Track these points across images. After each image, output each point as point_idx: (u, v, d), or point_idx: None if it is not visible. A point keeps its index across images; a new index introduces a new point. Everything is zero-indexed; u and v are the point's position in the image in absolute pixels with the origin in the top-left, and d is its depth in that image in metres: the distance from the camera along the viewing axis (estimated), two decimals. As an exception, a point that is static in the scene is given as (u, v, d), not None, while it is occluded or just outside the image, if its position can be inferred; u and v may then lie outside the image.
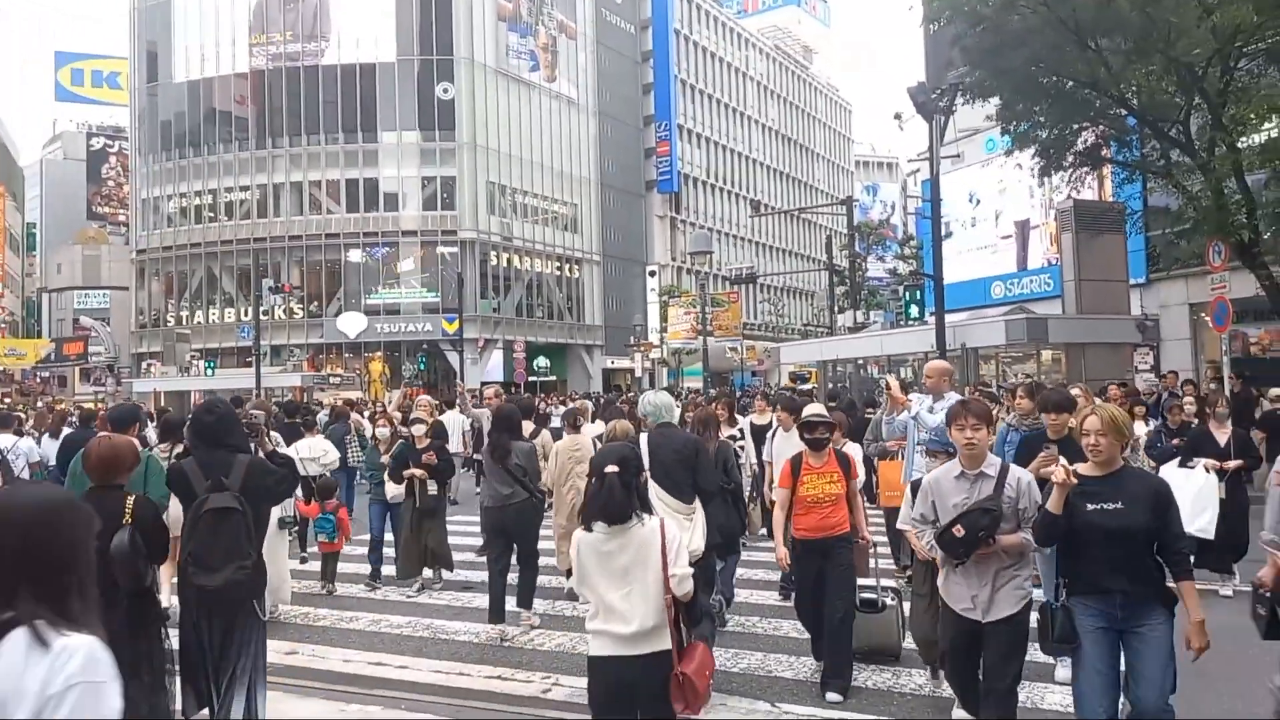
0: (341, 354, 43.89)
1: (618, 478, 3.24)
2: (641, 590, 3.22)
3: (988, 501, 3.71)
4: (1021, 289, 26.11)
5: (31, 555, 1.60)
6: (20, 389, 42.17)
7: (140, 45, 48.95)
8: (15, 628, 1.53)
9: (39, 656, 1.52)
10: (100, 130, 69.08)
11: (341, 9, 44.65)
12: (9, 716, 1.49)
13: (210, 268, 46.12)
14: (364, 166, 44.77)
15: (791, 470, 5.27)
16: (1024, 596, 3.81)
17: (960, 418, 3.84)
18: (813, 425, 5.25)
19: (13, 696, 1.50)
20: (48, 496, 1.73)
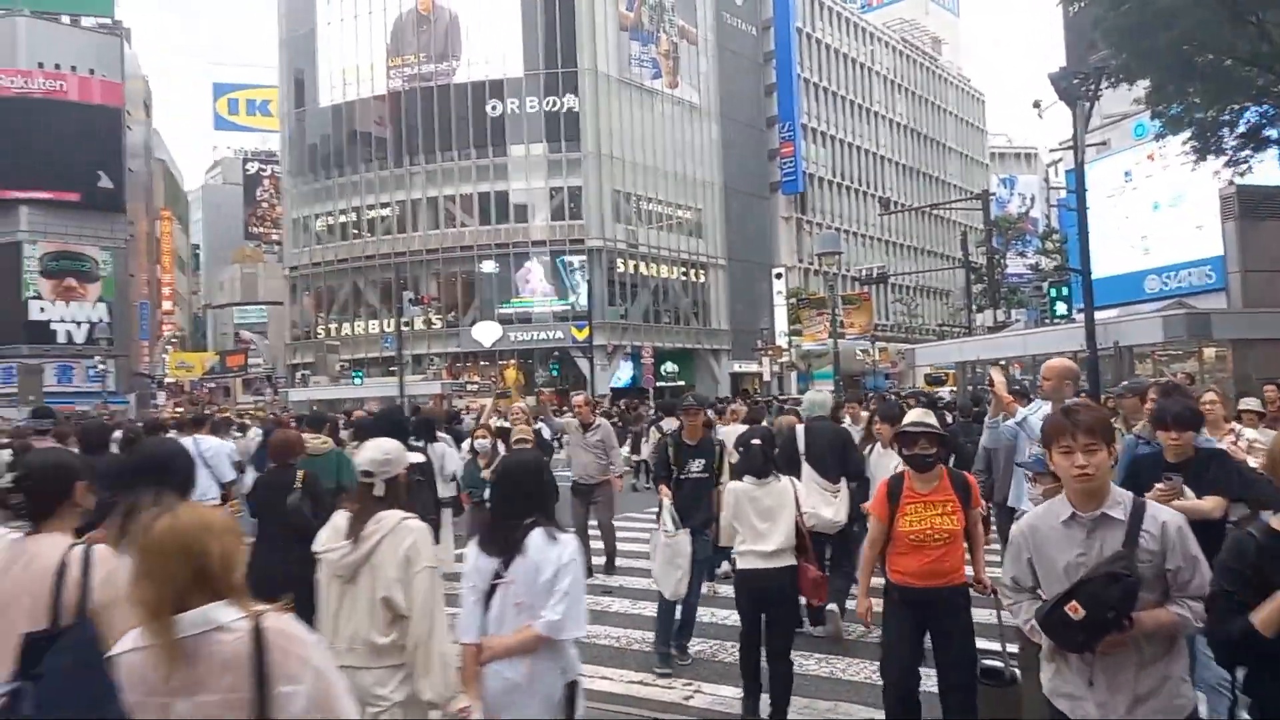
0: (478, 362, 45.39)
1: (759, 448, 5.01)
2: (778, 524, 4.85)
3: (1118, 562, 2.46)
4: (1179, 282, 24.42)
5: (538, 490, 3.24)
6: (190, 398, 45.64)
7: (288, 73, 52.17)
8: (537, 527, 3.11)
9: (552, 543, 3.08)
10: (255, 155, 74.00)
11: (471, 29, 46.28)
12: (544, 576, 3.03)
13: (355, 282, 48.60)
14: (494, 180, 46.22)
15: (889, 496, 4.15)
16: (1184, 709, 2.54)
17: (1063, 435, 2.58)
18: (911, 438, 4.08)
19: (544, 563, 3.05)
20: (537, 459, 3.48)
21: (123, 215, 46.74)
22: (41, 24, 47.15)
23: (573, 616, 3.03)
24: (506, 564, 3.07)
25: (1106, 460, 2.61)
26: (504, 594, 3.05)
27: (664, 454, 6.39)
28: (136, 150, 49.90)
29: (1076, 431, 2.55)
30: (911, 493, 4.13)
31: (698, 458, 6.24)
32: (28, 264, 43.53)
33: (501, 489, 3.38)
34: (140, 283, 50.19)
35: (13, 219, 43.58)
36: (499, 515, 3.25)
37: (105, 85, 46.62)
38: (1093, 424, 2.56)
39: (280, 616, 1.97)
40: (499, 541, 3.13)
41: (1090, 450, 2.54)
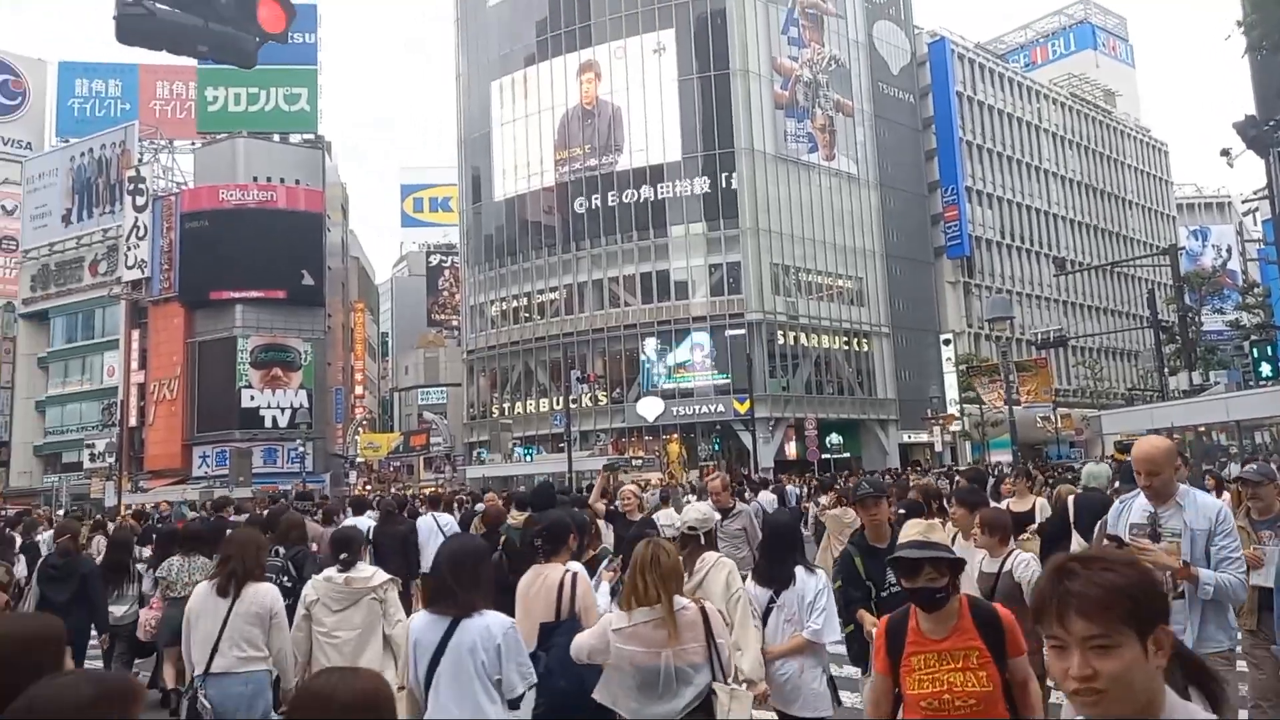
0: (642, 436, 46.24)
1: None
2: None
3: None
4: None
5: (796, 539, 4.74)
6: (378, 476, 48.76)
7: (467, 172, 56.20)
8: (798, 565, 4.50)
9: (810, 575, 4.51)
10: (437, 248, 79.49)
11: (632, 119, 48.51)
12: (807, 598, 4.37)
13: (527, 362, 50.92)
14: (655, 260, 47.65)
15: (888, 642, 3.10)
16: None
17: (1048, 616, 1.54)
18: (912, 566, 3.03)
19: (806, 590, 4.41)
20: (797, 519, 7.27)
21: (322, 309, 51.23)
22: (256, 143, 53.20)
23: (829, 626, 4.40)
24: (778, 592, 4.48)
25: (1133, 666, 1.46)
26: (778, 614, 4.46)
27: (851, 568, 4.71)
28: (334, 249, 54.84)
29: (1067, 612, 1.48)
30: (919, 637, 3.01)
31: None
32: (241, 356, 48.29)
33: (771, 540, 4.79)
34: (336, 369, 54.52)
35: (230, 316, 48.65)
36: (772, 559, 4.65)
37: (309, 193, 51.77)
38: (1103, 598, 1.47)
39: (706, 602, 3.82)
40: (774, 576, 4.55)
41: (1099, 648, 1.46)
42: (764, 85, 48.40)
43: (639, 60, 48.67)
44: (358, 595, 4.91)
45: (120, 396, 48.01)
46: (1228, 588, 3.80)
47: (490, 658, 3.34)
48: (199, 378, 48.19)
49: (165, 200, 50.49)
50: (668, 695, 3.60)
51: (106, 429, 47.87)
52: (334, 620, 4.85)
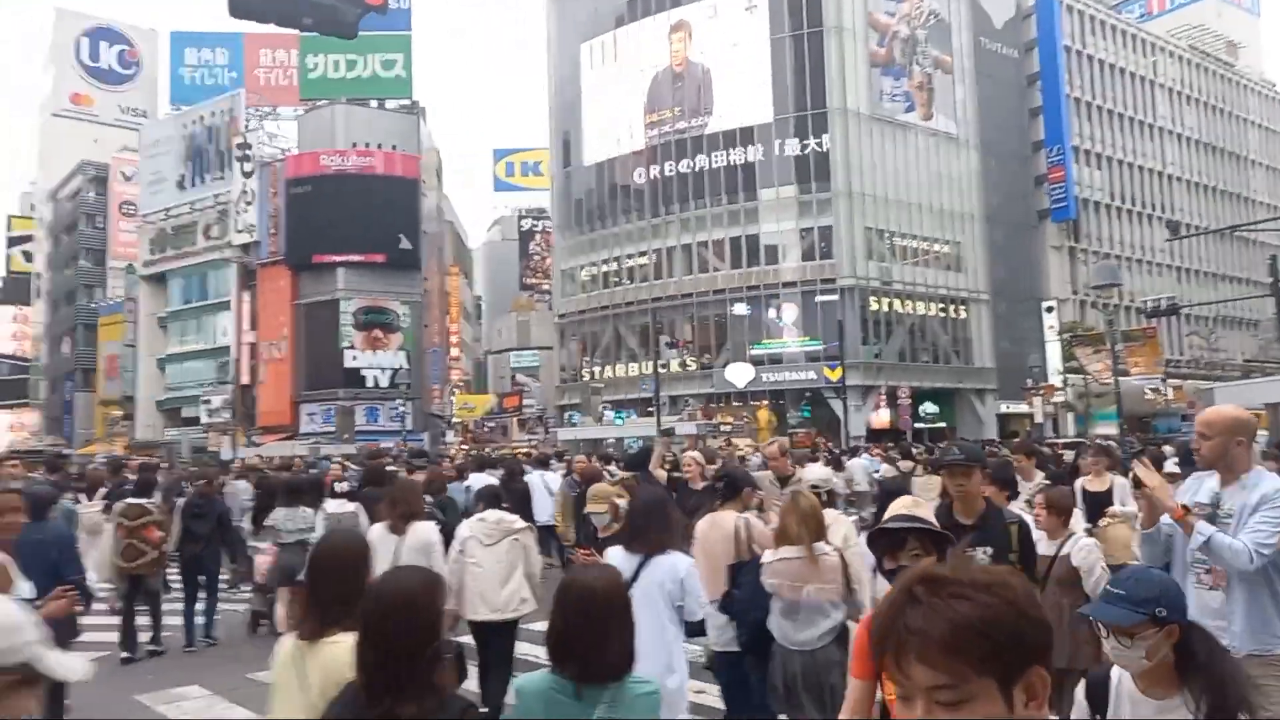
0: (730, 403, 46.18)
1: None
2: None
3: None
4: None
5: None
6: (473, 437, 50.12)
7: (557, 136, 56.53)
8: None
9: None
10: (528, 213, 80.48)
11: (722, 81, 47.87)
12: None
13: (616, 327, 51.30)
14: (746, 224, 47.18)
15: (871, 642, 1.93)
16: None
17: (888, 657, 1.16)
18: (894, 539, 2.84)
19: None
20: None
21: (419, 273, 52.59)
22: (355, 109, 54.59)
23: None
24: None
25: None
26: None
27: None
28: (430, 214, 56.06)
29: (906, 655, 1.12)
30: None
31: (981, 544, 3.90)
32: (344, 318, 50.05)
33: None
34: (432, 332, 56.00)
35: (332, 280, 50.40)
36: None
37: (405, 159, 52.96)
38: (949, 638, 1.10)
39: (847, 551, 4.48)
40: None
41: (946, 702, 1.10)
42: (859, 43, 47.05)
43: (730, 19, 47.85)
44: (503, 534, 5.81)
45: (233, 356, 50.46)
46: (1225, 548, 3.35)
47: (674, 588, 4.01)
48: (305, 338, 50.21)
49: (271, 166, 52.42)
50: (806, 625, 4.34)
51: (222, 386, 50.45)
52: (483, 554, 5.73)
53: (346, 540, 3.00)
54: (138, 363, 58.55)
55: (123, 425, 57.53)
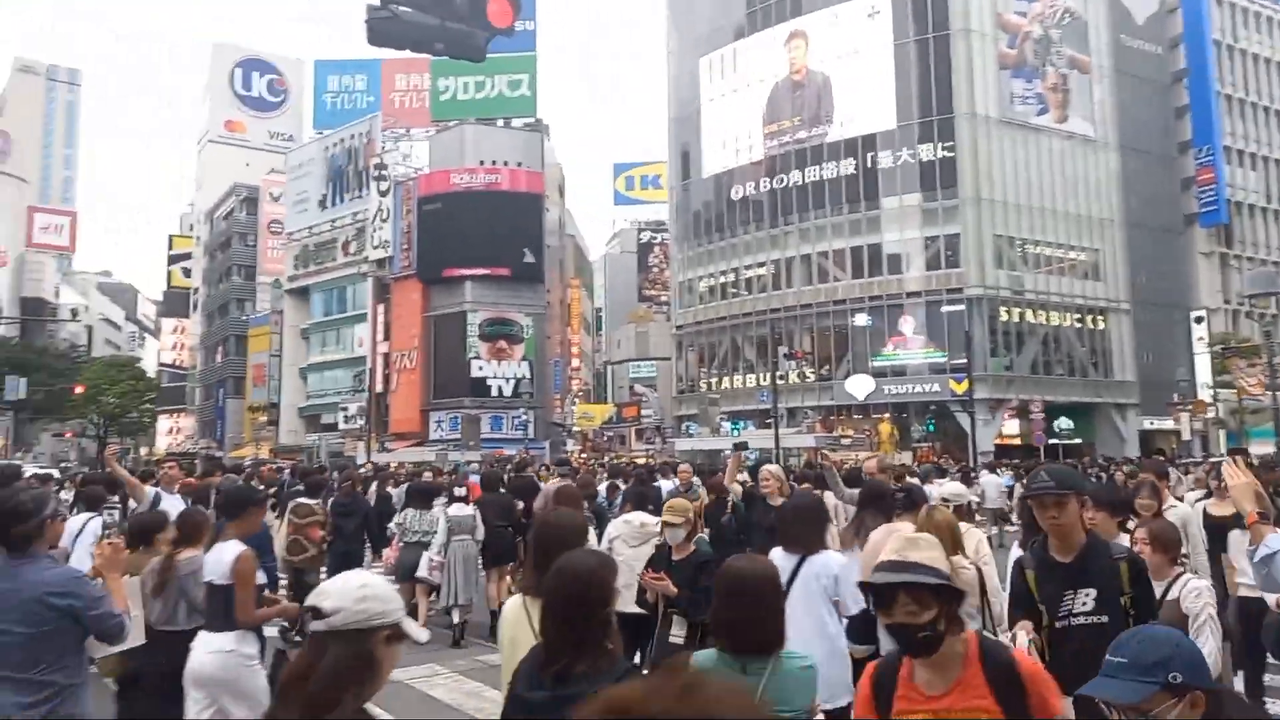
0: (851, 415, 45.36)
1: None
2: None
3: None
4: None
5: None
6: (592, 445, 50.95)
7: (676, 149, 57.02)
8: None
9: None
10: (647, 225, 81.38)
11: (843, 89, 47.25)
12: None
13: (734, 338, 51.21)
14: (867, 233, 46.32)
15: (874, 692, 2.41)
16: None
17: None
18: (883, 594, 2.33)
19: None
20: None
21: (541, 285, 53.93)
22: (482, 129, 56.58)
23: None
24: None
25: None
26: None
27: (1020, 584, 3.50)
28: (552, 228, 57.44)
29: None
30: (910, 690, 2.34)
31: (1081, 586, 3.33)
32: (471, 329, 51.83)
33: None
34: (554, 343, 57.29)
35: (460, 293, 52.29)
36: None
37: (529, 175, 54.50)
38: None
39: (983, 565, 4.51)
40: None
41: None
42: (988, 44, 45.57)
43: (851, 26, 47.22)
44: (647, 536, 6.22)
45: (368, 365, 53.00)
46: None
47: (830, 584, 4.28)
48: (434, 349, 52.25)
49: (404, 185, 54.91)
50: None
51: (357, 394, 53.05)
52: (630, 553, 6.08)
53: (568, 518, 3.75)
54: (282, 371, 62.28)
55: (268, 430, 61.29)
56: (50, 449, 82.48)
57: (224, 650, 4.47)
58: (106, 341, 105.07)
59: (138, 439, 77.84)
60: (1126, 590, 3.26)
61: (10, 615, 3.27)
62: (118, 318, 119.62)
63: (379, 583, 2.00)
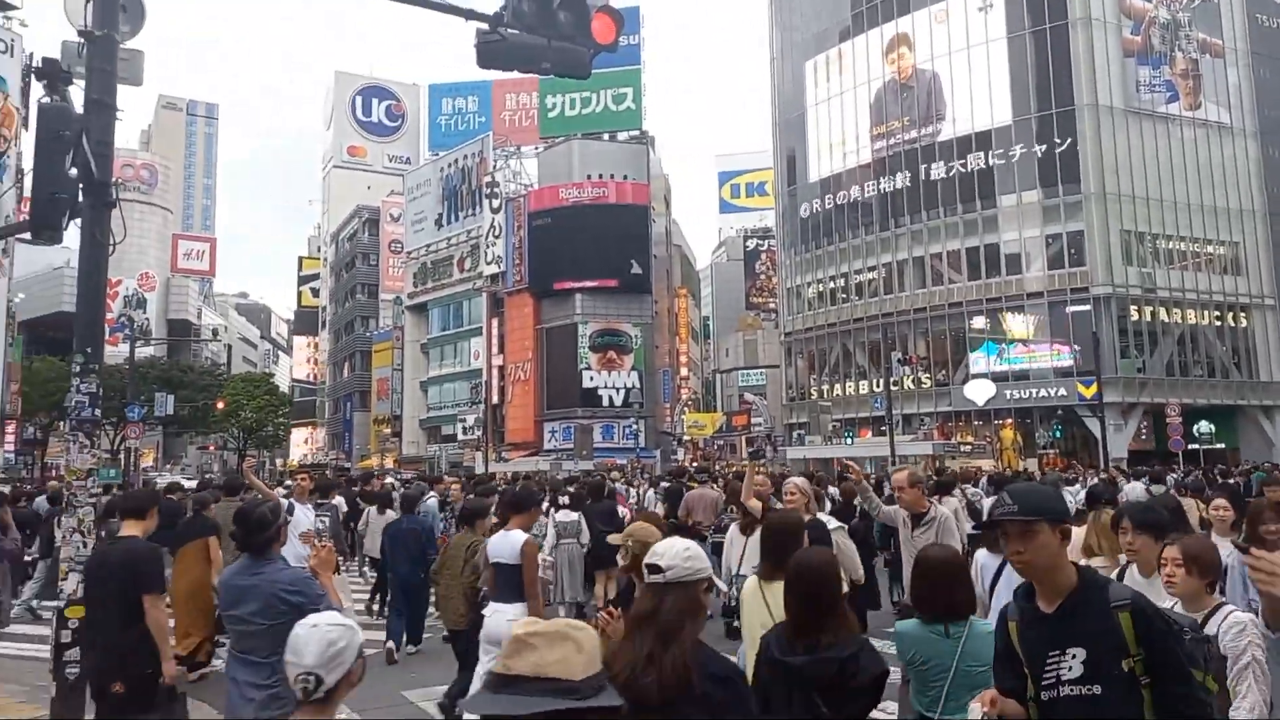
0: (970, 421, 43.93)
1: None
2: None
3: None
4: None
5: None
6: (703, 454, 50.97)
7: (782, 155, 56.63)
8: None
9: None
10: (753, 233, 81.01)
11: (955, 85, 45.96)
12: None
13: (845, 344, 50.37)
14: (984, 233, 44.85)
15: None
16: None
17: None
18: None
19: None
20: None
21: (649, 296, 54.44)
22: (589, 143, 57.66)
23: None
24: None
25: None
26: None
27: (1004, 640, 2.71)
28: (659, 239, 57.93)
29: None
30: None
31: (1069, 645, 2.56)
32: (581, 341, 52.77)
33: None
34: (662, 352, 57.67)
35: (570, 305, 53.32)
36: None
37: (636, 187, 55.16)
38: None
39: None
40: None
41: None
42: (1110, 32, 43.51)
43: (962, 21, 45.92)
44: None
45: (484, 377, 54.62)
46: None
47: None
48: (547, 360, 53.45)
49: (515, 202, 56.45)
50: None
51: (474, 406, 54.72)
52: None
53: (793, 519, 4.47)
54: (404, 385, 64.82)
55: (392, 441, 63.84)
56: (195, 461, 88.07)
57: (513, 619, 5.20)
58: (244, 359, 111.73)
59: (273, 451, 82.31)
60: (1132, 651, 2.40)
61: (253, 608, 3.88)
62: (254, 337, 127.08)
63: (696, 547, 2.68)
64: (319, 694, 2.22)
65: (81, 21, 6.53)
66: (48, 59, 6.35)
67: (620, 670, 2.37)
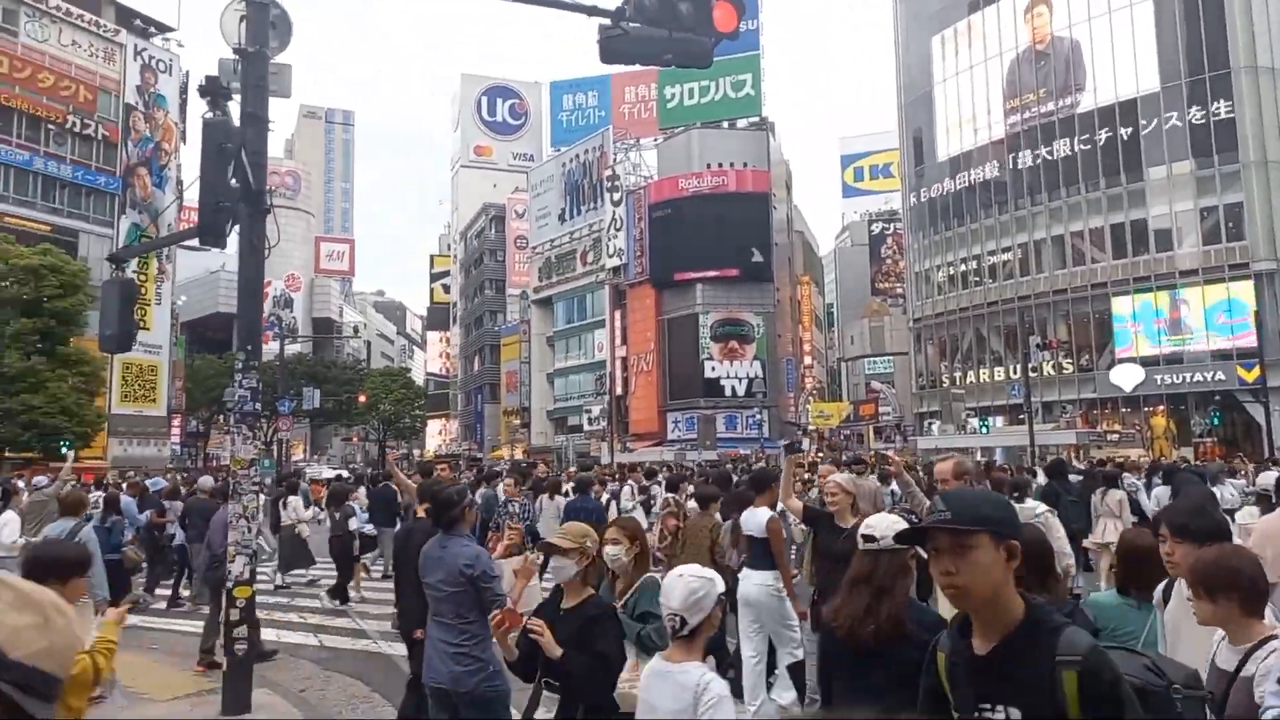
0: (1118, 409, 41.56)
1: None
2: None
3: None
4: None
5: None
6: (829, 444, 50.15)
7: (908, 135, 54.88)
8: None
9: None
10: (878, 216, 78.92)
11: (1095, 52, 43.39)
12: None
13: (978, 329, 48.48)
14: (1129, 208, 42.23)
15: None
16: None
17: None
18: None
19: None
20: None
21: (770, 284, 53.88)
22: (708, 132, 57.47)
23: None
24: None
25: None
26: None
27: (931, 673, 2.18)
28: (780, 226, 57.22)
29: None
30: None
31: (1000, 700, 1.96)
32: (703, 331, 52.76)
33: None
34: (785, 341, 57.02)
35: (691, 295, 53.36)
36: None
37: (755, 174, 54.63)
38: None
39: None
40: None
41: None
42: (1273, -14, 40.12)
43: (1103, -16, 43.27)
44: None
45: (608, 369, 55.38)
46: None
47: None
48: (669, 351, 53.71)
49: (635, 194, 56.88)
50: None
51: (599, 397, 55.60)
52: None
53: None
54: (531, 377, 66.48)
55: (521, 432, 65.61)
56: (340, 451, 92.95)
57: (764, 584, 6.39)
58: (382, 355, 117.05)
59: (410, 442, 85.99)
60: (1072, 717, 1.83)
61: (440, 576, 4.45)
62: (390, 333, 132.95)
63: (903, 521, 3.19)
64: (684, 632, 2.77)
65: (236, 39, 6.97)
66: (210, 77, 6.81)
67: (842, 623, 2.97)
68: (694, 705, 2.66)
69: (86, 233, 46.04)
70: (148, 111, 49.22)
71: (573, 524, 3.97)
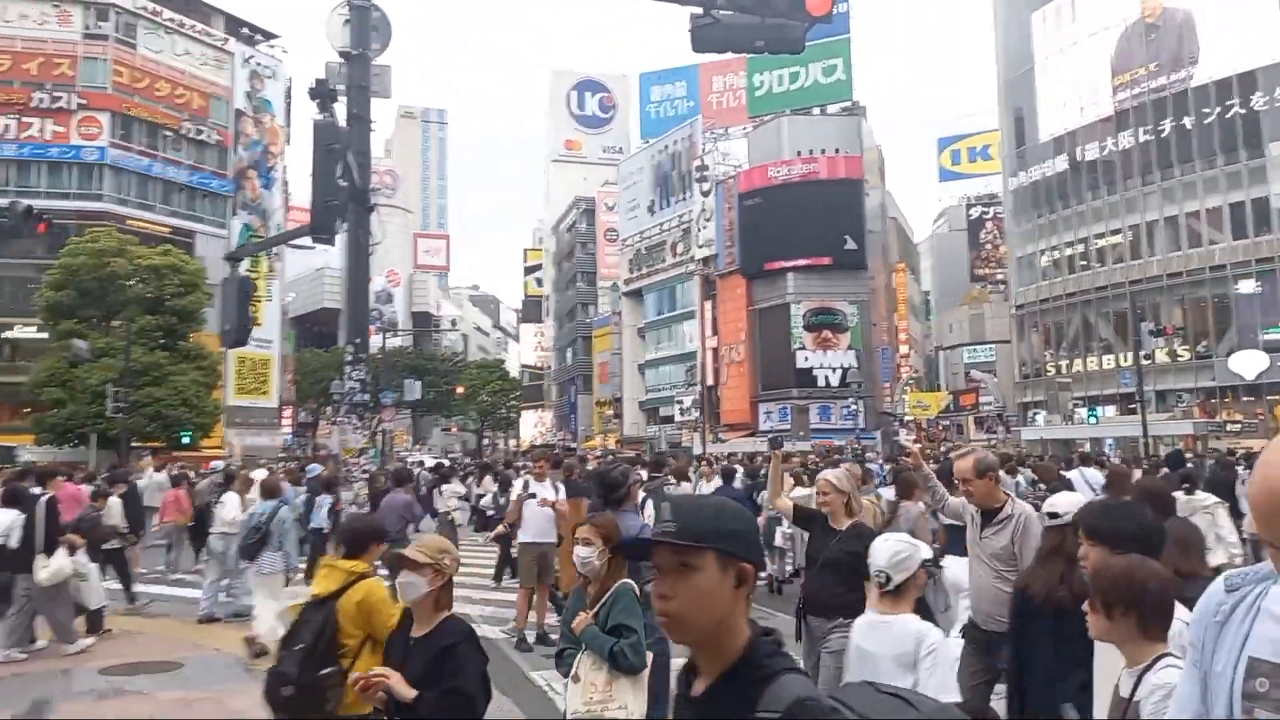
0: (1239, 397, 39.37)
1: None
2: None
3: None
4: None
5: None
6: (928, 435, 48.99)
7: (1008, 115, 52.97)
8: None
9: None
10: (977, 200, 76.44)
11: (1211, 23, 41.01)
12: None
13: (1085, 315, 46.57)
14: (1250, 186, 39.87)
15: None
16: None
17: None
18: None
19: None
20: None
21: (864, 272, 52.81)
22: (798, 119, 56.60)
23: None
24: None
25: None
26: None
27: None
28: (874, 213, 55.97)
29: None
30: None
31: None
32: (795, 321, 52.11)
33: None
34: (880, 330, 55.81)
35: (782, 284, 52.76)
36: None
37: (847, 161, 53.58)
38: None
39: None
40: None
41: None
42: None
43: (1220, -51, 40.86)
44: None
45: (699, 360, 55.32)
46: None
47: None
48: (760, 341, 53.28)
49: (724, 184, 56.52)
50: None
51: (690, 388, 55.62)
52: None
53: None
54: (623, 368, 66.96)
55: (614, 423, 66.22)
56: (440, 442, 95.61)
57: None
58: (478, 347, 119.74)
59: (507, 432, 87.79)
60: None
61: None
62: (486, 326, 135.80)
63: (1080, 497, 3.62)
64: (889, 587, 3.26)
65: (341, 43, 7.27)
66: (320, 80, 7.13)
67: (1039, 590, 3.42)
68: (915, 650, 3.17)
69: (202, 233, 48.52)
70: (256, 116, 51.47)
71: (431, 537, 3.40)
